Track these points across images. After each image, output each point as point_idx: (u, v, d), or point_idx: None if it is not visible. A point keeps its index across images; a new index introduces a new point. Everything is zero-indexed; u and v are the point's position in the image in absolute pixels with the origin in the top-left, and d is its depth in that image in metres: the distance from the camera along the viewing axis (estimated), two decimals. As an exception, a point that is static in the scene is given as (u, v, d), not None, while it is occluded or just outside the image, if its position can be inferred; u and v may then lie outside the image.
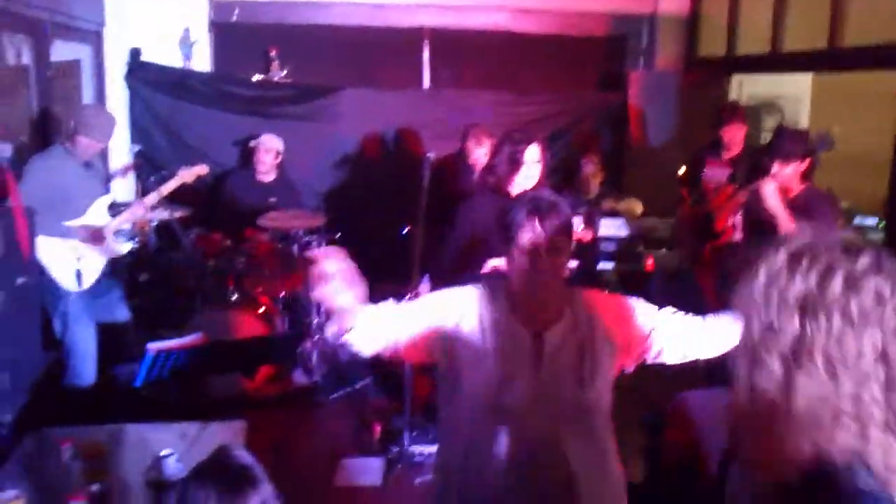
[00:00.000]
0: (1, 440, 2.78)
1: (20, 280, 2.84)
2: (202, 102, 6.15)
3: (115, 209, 4.56)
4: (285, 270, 5.26)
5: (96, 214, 4.40)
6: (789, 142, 4.19)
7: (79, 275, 4.22)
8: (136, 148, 5.46)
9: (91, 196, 4.38)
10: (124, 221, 4.54)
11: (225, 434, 3.23)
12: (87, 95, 5.87)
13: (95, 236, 4.34)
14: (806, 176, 4.20)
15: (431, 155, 4.35)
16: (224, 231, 5.38)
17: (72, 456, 2.54)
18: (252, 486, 1.78)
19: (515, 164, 3.45)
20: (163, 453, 2.67)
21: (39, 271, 3.59)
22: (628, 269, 5.69)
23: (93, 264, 4.36)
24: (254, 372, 4.89)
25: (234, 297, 5.03)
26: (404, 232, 5.36)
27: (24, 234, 2.87)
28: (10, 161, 2.93)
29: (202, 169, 4.95)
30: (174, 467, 2.65)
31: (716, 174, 4.99)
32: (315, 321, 5.40)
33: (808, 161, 4.16)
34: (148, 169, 5.79)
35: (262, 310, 5.06)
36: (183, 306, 5.20)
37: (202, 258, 5.13)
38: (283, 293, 5.22)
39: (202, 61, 6.41)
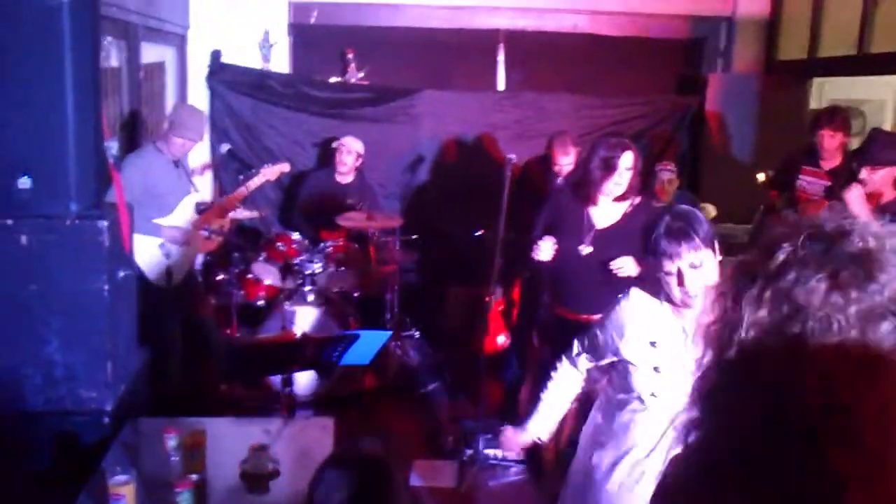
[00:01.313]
0: (103, 428, 2.87)
1: (122, 273, 2.94)
2: (281, 103, 6.23)
3: (198, 207, 4.66)
4: (361, 271, 5.31)
5: (184, 212, 4.51)
6: (881, 147, 4.04)
7: (168, 271, 4.32)
8: (227, 147, 5.54)
9: (180, 194, 4.50)
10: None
11: (311, 430, 3.29)
12: (171, 96, 6.01)
13: (183, 237, 4.44)
14: (901, 183, 4.05)
15: (513, 157, 4.29)
16: (302, 230, 5.46)
17: (175, 445, 2.61)
18: (388, 477, 1.80)
19: (609, 169, 3.49)
20: (257, 446, 2.73)
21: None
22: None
23: (181, 261, 4.47)
24: (328, 372, 4.93)
25: (311, 296, 5.09)
26: (477, 234, 5.35)
27: (126, 229, 2.97)
28: (114, 157, 3.04)
29: (285, 167, 5.01)
30: (268, 460, 2.71)
31: (812, 184, 4.79)
32: (388, 322, 5.44)
33: (902, 168, 4.01)
34: (231, 167, 5.90)
35: (336, 310, 5.11)
36: (260, 304, 5.28)
37: (281, 257, 5.20)
38: (358, 294, 5.26)
39: (281, 63, 6.50)
